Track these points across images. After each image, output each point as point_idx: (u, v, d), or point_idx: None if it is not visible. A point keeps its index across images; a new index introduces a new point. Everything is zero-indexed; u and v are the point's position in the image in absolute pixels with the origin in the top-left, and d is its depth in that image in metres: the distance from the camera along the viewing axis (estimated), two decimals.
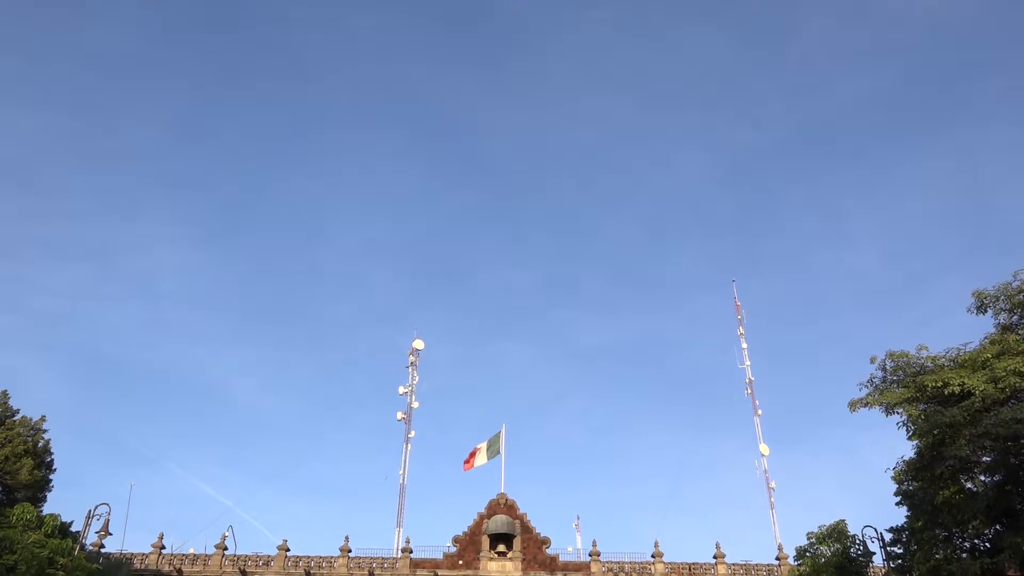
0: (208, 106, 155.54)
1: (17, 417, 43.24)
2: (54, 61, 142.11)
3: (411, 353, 65.46)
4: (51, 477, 44.17)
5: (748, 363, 64.70)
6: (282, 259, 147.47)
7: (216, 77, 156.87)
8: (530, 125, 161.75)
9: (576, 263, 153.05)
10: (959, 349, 26.56)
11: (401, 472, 60.03)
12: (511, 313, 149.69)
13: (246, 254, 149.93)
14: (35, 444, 43.10)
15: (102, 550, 46.56)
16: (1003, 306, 26.40)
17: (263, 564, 50.00)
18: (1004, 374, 23.15)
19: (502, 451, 55.50)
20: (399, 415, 62.59)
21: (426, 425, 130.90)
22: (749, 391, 63.74)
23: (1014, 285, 25.97)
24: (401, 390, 63.73)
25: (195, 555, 50.60)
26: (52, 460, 44.34)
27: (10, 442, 41.03)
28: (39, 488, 42.71)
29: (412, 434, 62.02)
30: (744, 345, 65.92)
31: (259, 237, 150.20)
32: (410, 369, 64.79)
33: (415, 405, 63.23)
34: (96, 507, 30.69)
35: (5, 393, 43.27)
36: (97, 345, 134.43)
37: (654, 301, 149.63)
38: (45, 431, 44.27)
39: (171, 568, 49.35)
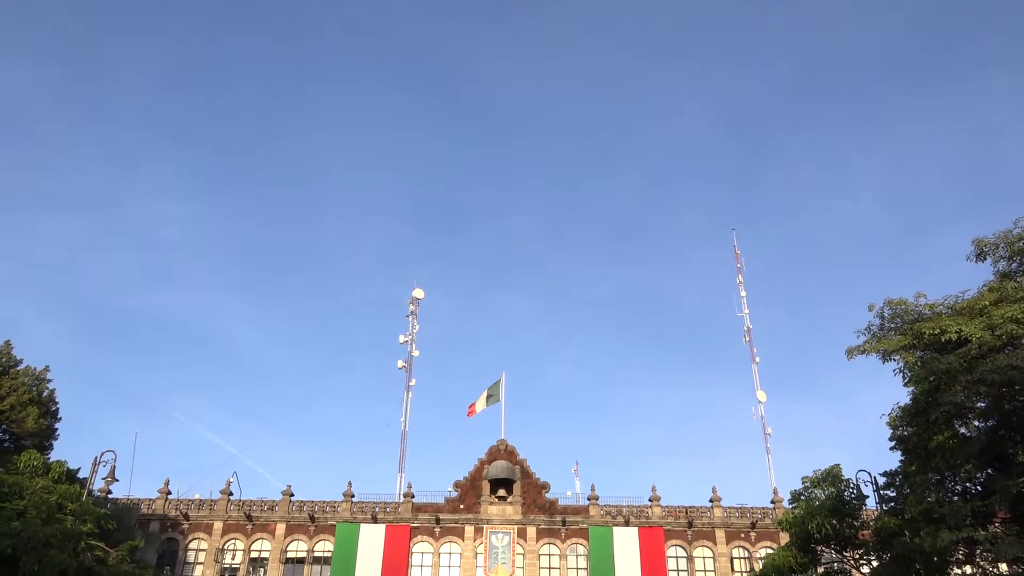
0: (206, 57, 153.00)
1: (21, 367, 43.56)
2: (49, 11, 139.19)
3: (411, 302, 65.75)
4: (56, 426, 44.70)
5: (747, 311, 65.13)
6: (282, 210, 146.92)
7: (213, 27, 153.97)
8: (530, 76, 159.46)
9: (576, 213, 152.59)
10: (957, 297, 26.58)
11: (402, 419, 60.89)
12: (511, 263, 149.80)
13: (246, 204, 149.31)
14: (40, 393, 43.51)
15: (109, 496, 47.42)
16: (1003, 253, 26.30)
17: (268, 509, 50.96)
18: (1001, 321, 23.21)
19: (502, 398, 56.15)
20: (400, 363, 63.18)
21: (427, 373, 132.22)
22: (747, 339, 64.26)
23: (1014, 232, 25.83)
24: (401, 339, 64.22)
25: (201, 500, 51.53)
26: (57, 409, 44.81)
27: (15, 391, 41.40)
28: (45, 436, 43.24)
29: (413, 382, 62.74)
30: (743, 293, 66.26)
31: (259, 188, 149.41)
32: (410, 318, 65.15)
33: (415, 354, 63.82)
34: (102, 454, 31.10)
35: (8, 343, 43.48)
36: (99, 295, 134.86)
37: (654, 251, 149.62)
38: (49, 380, 44.66)
39: (178, 513, 50.32)
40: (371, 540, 49.23)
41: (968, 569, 26.67)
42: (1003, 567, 25.02)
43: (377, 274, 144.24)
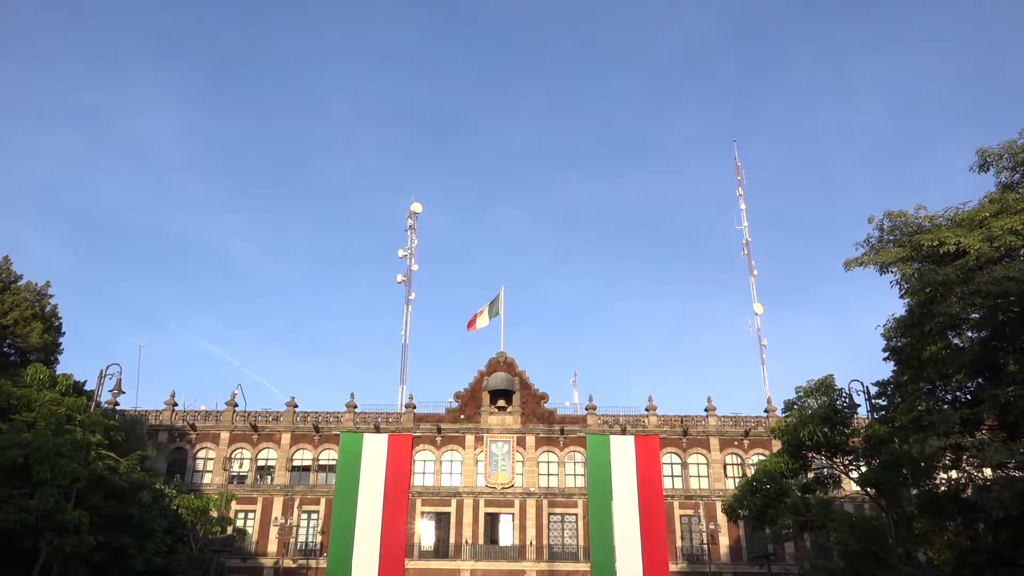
0: None
1: (21, 282, 43.64)
2: None
3: (409, 216, 65.52)
4: (60, 340, 45.17)
5: (746, 224, 64.96)
6: (277, 123, 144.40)
7: None
8: None
9: (575, 126, 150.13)
10: (958, 208, 26.38)
11: (403, 332, 61.56)
12: (509, 177, 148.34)
13: (240, 118, 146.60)
14: (42, 308, 43.78)
15: (116, 408, 48.38)
16: (1006, 164, 25.92)
17: (273, 420, 52.12)
18: (1000, 233, 23.09)
19: (501, 312, 56.63)
20: (399, 277, 63.46)
21: (426, 287, 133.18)
22: (746, 252, 64.35)
23: (1019, 143, 25.42)
24: (400, 253, 64.28)
25: (207, 412, 52.67)
26: (60, 324, 45.20)
27: (17, 307, 41.62)
28: (50, 351, 43.75)
29: (412, 296, 63.15)
30: (743, 206, 65.90)
31: (253, 101, 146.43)
32: (409, 232, 65.06)
33: (415, 268, 64.04)
34: (107, 367, 31.43)
35: (7, 258, 43.34)
36: (95, 210, 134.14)
37: (654, 163, 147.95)
38: (51, 296, 44.88)
39: (185, 424, 51.49)
40: (374, 449, 50.55)
41: (954, 474, 27.42)
42: (987, 472, 25.71)
43: (375, 188, 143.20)
